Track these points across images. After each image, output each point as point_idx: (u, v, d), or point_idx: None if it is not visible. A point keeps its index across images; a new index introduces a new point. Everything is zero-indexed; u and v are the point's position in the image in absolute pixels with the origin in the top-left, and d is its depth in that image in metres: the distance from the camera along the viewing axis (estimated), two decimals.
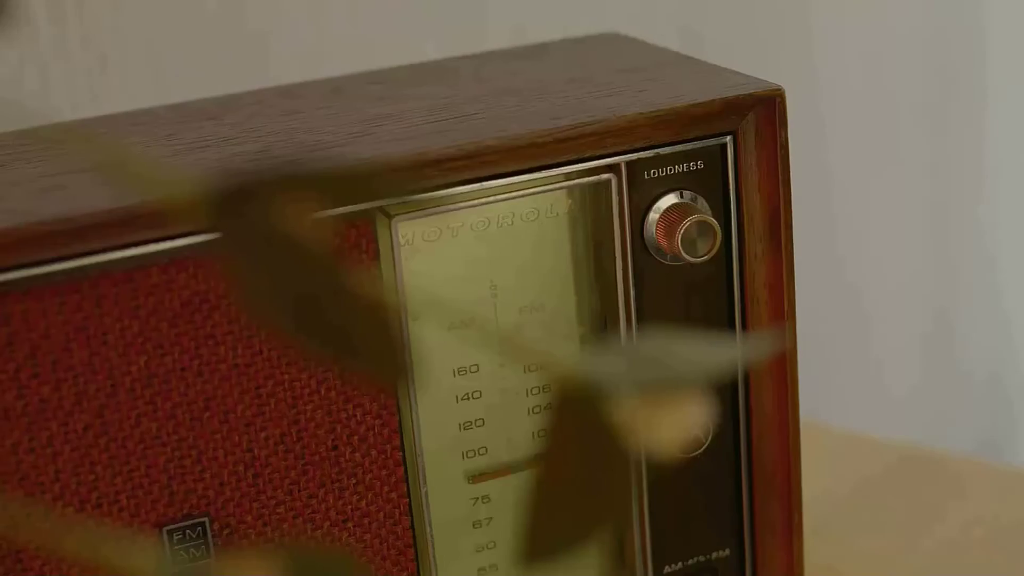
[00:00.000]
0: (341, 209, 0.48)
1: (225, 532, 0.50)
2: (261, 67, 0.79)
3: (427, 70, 0.62)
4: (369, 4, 0.83)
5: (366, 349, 0.27)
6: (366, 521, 0.52)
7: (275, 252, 0.26)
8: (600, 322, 0.54)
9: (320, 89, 0.60)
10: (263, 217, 0.26)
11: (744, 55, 0.93)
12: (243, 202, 0.26)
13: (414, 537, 0.53)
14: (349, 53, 0.81)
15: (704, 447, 0.55)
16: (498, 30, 0.86)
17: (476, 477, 0.54)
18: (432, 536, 0.53)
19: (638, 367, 0.30)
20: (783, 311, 0.54)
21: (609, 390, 0.30)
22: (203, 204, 0.26)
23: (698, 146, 0.53)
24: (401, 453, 0.52)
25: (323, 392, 0.50)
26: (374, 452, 0.52)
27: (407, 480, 0.52)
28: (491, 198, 0.51)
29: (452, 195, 0.50)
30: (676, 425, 0.29)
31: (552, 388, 0.30)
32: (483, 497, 0.55)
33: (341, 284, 0.27)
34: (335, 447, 0.51)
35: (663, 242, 0.52)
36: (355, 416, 0.51)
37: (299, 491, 0.51)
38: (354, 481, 0.52)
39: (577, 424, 0.30)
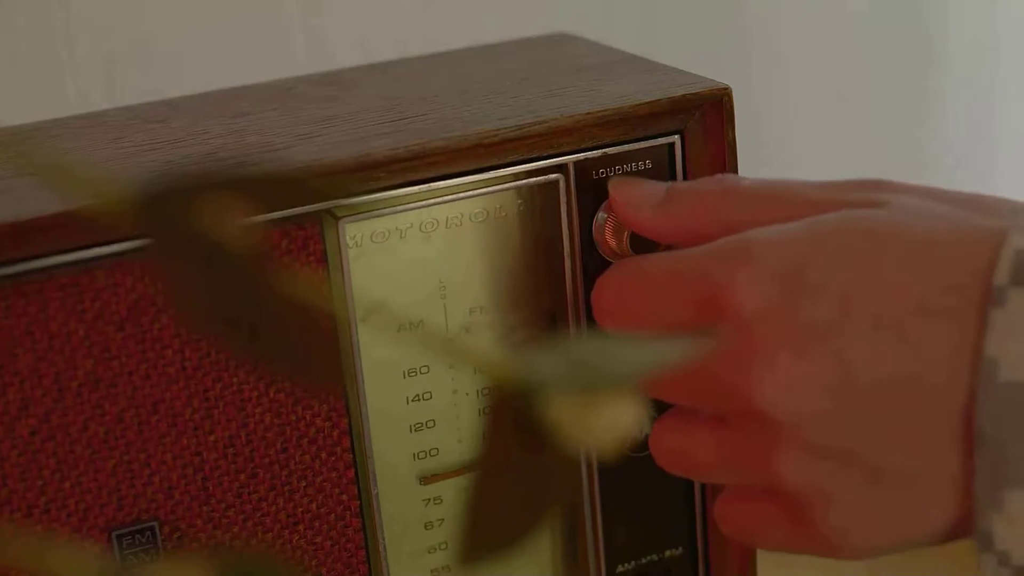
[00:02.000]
0: (286, 211, 0.48)
1: (175, 536, 0.50)
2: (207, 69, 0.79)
3: (378, 71, 0.62)
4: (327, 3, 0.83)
5: (299, 353, 0.27)
6: (317, 523, 0.52)
7: (204, 256, 0.26)
8: (550, 322, 0.54)
9: (271, 90, 0.60)
10: (190, 221, 0.26)
11: (689, 52, 0.93)
12: (171, 207, 0.26)
13: (366, 539, 0.53)
14: (303, 54, 0.81)
15: None
16: (452, 31, 0.86)
17: (428, 478, 0.54)
18: (384, 538, 0.53)
19: (574, 367, 0.30)
20: None
21: (545, 390, 0.30)
22: (131, 209, 0.26)
23: (646, 145, 0.53)
24: (351, 455, 0.52)
25: (272, 395, 0.50)
26: (324, 454, 0.52)
27: (358, 482, 0.52)
28: (439, 199, 0.51)
29: (399, 196, 0.50)
30: (612, 425, 0.30)
31: (488, 389, 0.30)
32: (435, 498, 0.55)
33: (271, 288, 0.27)
34: (284, 449, 0.51)
35: (612, 242, 0.52)
36: (304, 418, 0.51)
37: (249, 494, 0.51)
38: (304, 483, 0.52)
39: (513, 425, 0.30)
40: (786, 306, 0.46)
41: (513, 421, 0.30)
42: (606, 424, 0.29)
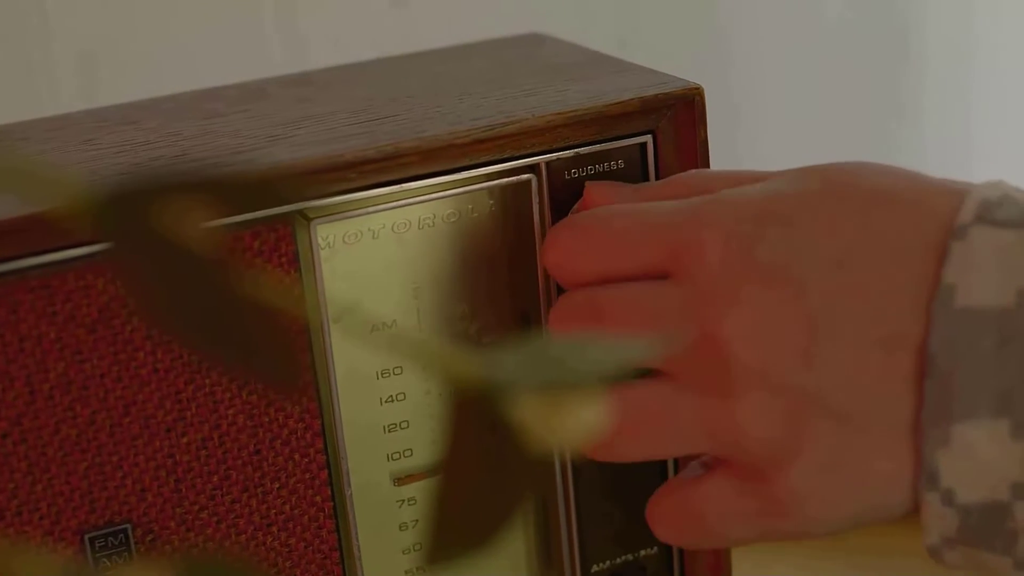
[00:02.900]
0: (256, 213, 0.48)
1: (148, 538, 0.50)
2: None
3: (351, 72, 0.62)
4: (303, 4, 0.83)
5: (262, 355, 0.27)
6: (290, 525, 0.52)
7: (165, 259, 0.26)
8: (523, 322, 0.54)
9: (245, 91, 0.60)
10: (151, 224, 0.26)
11: (667, 51, 0.94)
12: (131, 209, 0.26)
13: (339, 540, 0.53)
14: (279, 54, 0.81)
15: None
16: (428, 32, 0.86)
17: (402, 479, 0.54)
18: (358, 539, 0.53)
19: (540, 366, 0.30)
20: None
21: (511, 390, 0.30)
22: (91, 211, 0.26)
23: (618, 145, 0.53)
24: (325, 456, 0.52)
25: (244, 396, 0.50)
26: (297, 455, 0.51)
27: (331, 483, 0.52)
28: (411, 200, 0.51)
29: (371, 197, 0.50)
30: (577, 423, 0.30)
31: (452, 389, 0.30)
32: (409, 499, 0.55)
33: (234, 290, 0.27)
34: (257, 451, 0.51)
35: None
36: (277, 419, 0.51)
37: (222, 496, 0.51)
38: (277, 485, 0.52)
39: (480, 424, 0.30)
40: (750, 252, 0.46)
41: (479, 421, 0.30)
42: (572, 423, 0.30)
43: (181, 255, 0.26)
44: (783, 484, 0.47)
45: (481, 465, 0.30)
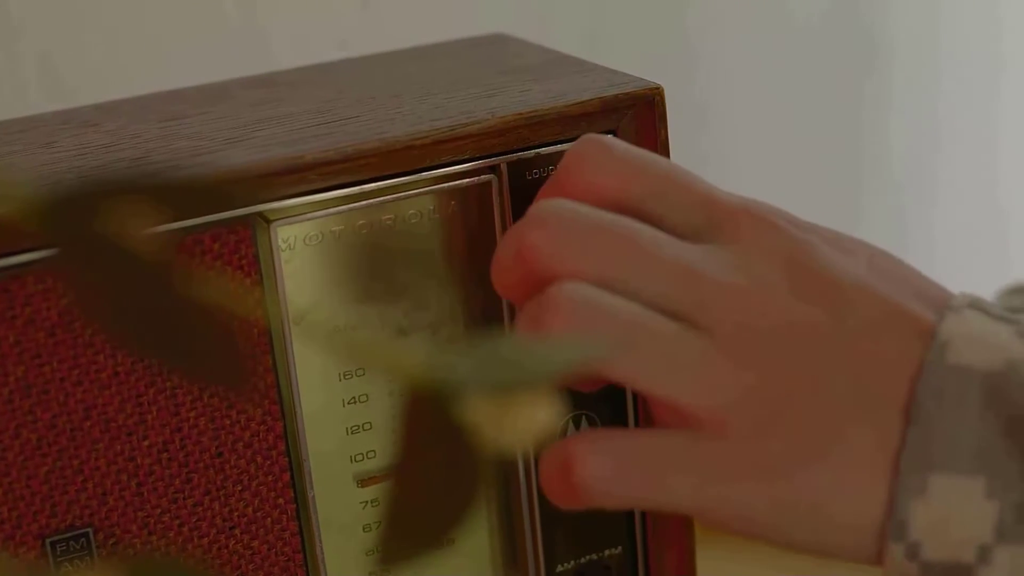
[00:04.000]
0: (216, 216, 0.48)
1: (110, 542, 0.50)
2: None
3: (314, 72, 0.62)
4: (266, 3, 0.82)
5: (210, 358, 0.27)
6: (253, 527, 0.52)
7: (111, 263, 0.26)
8: (484, 322, 0.54)
9: (207, 92, 0.60)
10: (97, 227, 0.26)
11: (631, 52, 0.94)
12: (77, 212, 0.26)
13: (303, 542, 0.53)
14: (241, 55, 0.81)
15: None
16: (394, 32, 0.86)
17: (365, 480, 0.54)
18: (321, 540, 0.53)
19: (490, 367, 0.30)
20: None
21: (462, 390, 0.30)
22: (37, 214, 0.26)
23: None
24: (287, 458, 0.52)
25: (206, 398, 0.50)
26: (259, 458, 0.51)
27: (294, 485, 0.52)
28: (372, 201, 0.51)
29: (332, 199, 0.50)
30: (527, 423, 0.30)
31: (403, 390, 0.30)
32: (373, 500, 0.55)
33: (180, 294, 0.26)
34: (219, 453, 0.51)
35: None
36: (239, 422, 0.51)
37: (184, 499, 0.51)
38: (240, 488, 0.51)
39: (431, 425, 0.30)
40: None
41: (432, 421, 0.30)
42: (522, 423, 0.30)
43: (127, 259, 0.26)
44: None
45: (434, 465, 0.30)
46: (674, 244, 0.46)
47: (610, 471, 0.46)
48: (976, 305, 0.47)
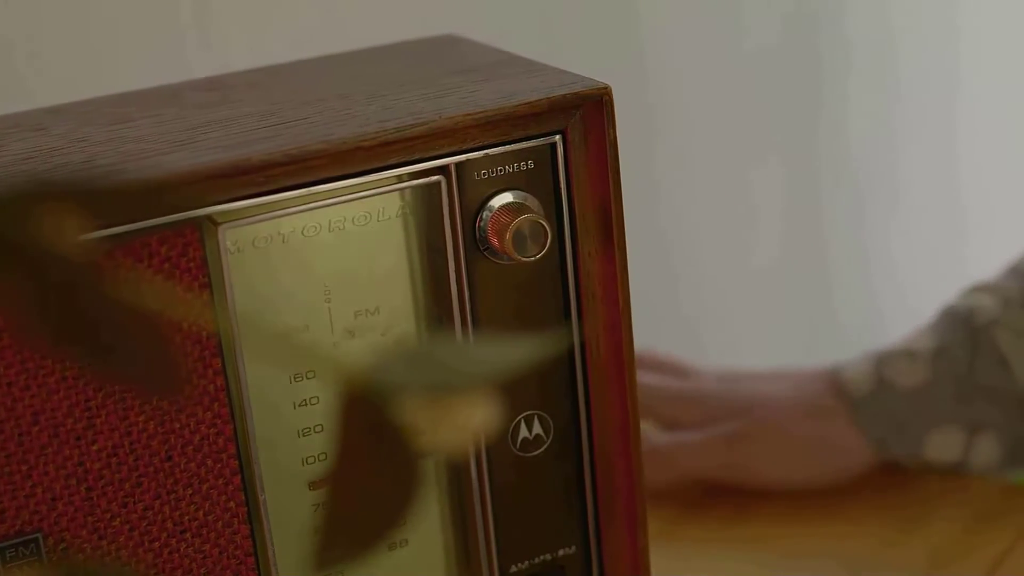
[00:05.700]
0: (162, 219, 0.48)
1: (59, 547, 0.50)
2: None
3: (264, 75, 0.61)
4: (221, 5, 0.82)
5: (139, 361, 0.27)
6: (204, 531, 0.52)
7: (39, 268, 0.26)
8: (436, 323, 0.54)
9: (157, 95, 0.59)
10: (26, 233, 0.26)
11: (574, 51, 0.94)
12: (6, 217, 0.26)
13: (255, 546, 0.53)
14: (195, 57, 0.80)
15: (545, 445, 0.56)
16: (351, 34, 0.86)
17: (316, 483, 0.54)
18: (273, 544, 0.53)
19: (426, 369, 0.30)
20: (618, 307, 0.54)
21: (398, 392, 0.30)
22: None
23: (528, 146, 0.53)
24: (238, 461, 0.52)
25: (155, 402, 0.50)
26: (209, 461, 0.51)
27: (245, 488, 0.52)
28: (320, 203, 0.51)
29: (280, 201, 0.50)
30: (463, 425, 0.30)
31: (339, 392, 0.30)
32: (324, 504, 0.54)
33: (107, 298, 0.26)
34: (169, 457, 0.51)
35: (494, 242, 0.52)
36: (189, 425, 0.51)
37: (134, 503, 0.51)
38: (190, 491, 0.51)
39: (366, 427, 0.30)
40: None
41: (368, 423, 0.30)
42: (457, 424, 0.30)
43: (56, 263, 0.26)
44: None
45: (370, 468, 0.30)
46: None
47: None
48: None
